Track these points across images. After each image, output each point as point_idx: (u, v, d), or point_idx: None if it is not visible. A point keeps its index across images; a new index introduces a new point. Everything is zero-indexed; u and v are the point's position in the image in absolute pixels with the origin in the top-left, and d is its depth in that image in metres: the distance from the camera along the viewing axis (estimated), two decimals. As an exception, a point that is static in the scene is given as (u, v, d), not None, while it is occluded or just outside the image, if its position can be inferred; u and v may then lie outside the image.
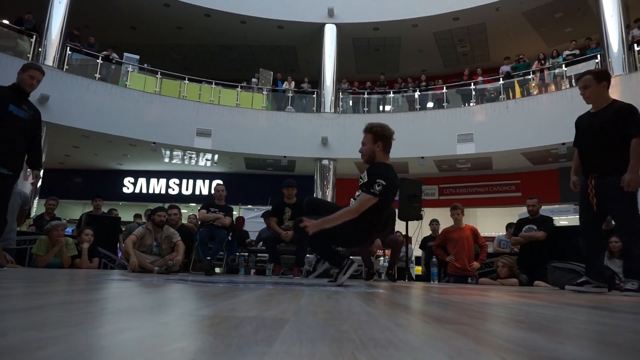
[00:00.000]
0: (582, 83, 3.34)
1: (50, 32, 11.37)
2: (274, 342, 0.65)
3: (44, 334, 0.65)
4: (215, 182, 14.43)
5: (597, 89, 3.27)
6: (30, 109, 3.74)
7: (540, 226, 5.42)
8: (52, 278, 2.64)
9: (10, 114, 3.53)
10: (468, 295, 2.38)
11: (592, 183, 3.18)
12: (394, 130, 3.22)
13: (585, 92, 3.32)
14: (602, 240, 3.30)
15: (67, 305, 1.12)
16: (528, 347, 0.70)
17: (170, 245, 5.30)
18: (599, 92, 3.28)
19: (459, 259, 5.80)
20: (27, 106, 3.70)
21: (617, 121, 3.11)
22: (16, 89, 3.66)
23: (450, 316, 1.20)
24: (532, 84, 12.73)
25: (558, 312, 1.45)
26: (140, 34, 15.05)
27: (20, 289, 1.77)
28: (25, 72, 3.65)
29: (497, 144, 12.08)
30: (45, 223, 6.30)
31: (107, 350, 0.57)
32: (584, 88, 3.33)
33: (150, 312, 1.07)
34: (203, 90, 13.51)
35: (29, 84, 3.65)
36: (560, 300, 2.16)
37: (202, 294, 1.75)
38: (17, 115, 3.58)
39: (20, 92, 3.66)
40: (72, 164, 15.18)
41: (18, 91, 3.65)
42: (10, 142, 3.54)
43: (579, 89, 3.39)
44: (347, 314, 1.14)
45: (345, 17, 14.01)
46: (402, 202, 6.02)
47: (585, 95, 3.33)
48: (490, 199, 14.48)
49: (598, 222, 3.26)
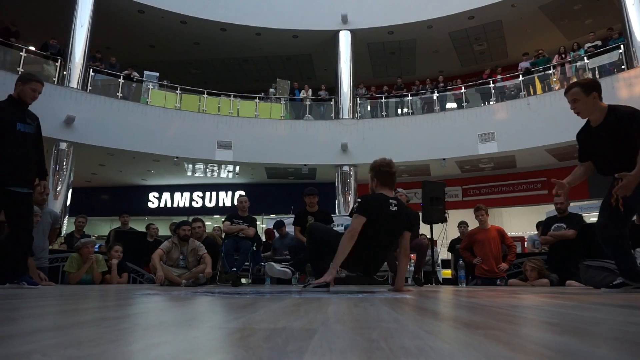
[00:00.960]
0: (571, 97, 3.09)
1: (74, 56, 11.77)
2: (304, 354, 0.65)
3: (82, 351, 0.67)
4: (237, 193, 14.62)
5: (588, 101, 3.02)
6: (33, 120, 3.68)
7: (569, 224, 5.28)
8: (85, 295, 2.71)
9: (18, 133, 3.50)
10: (497, 298, 2.34)
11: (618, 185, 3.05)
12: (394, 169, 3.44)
13: (576, 107, 3.07)
14: (626, 239, 3.10)
15: (101, 322, 1.14)
16: (563, 351, 0.69)
17: (197, 258, 5.37)
18: (590, 104, 3.03)
19: (486, 260, 5.69)
20: (30, 118, 3.65)
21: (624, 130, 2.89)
22: (16, 102, 3.58)
23: (481, 321, 1.18)
24: (554, 78, 12.48)
25: (593, 314, 1.41)
26: (159, 51, 15.41)
27: (54, 306, 1.83)
28: (26, 85, 3.58)
29: (520, 142, 11.86)
30: (75, 241, 6.47)
31: (142, 367, 0.58)
32: (573, 102, 3.08)
33: (181, 326, 1.09)
34: (222, 103, 13.72)
35: (31, 97, 3.59)
36: (595, 300, 2.10)
37: (230, 306, 1.76)
38: (25, 132, 3.56)
39: (21, 105, 3.59)
40: (98, 182, 15.59)
41: (18, 104, 3.58)
42: (23, 160, 3.53)
43: (569, 103, 3.13)
44: (376, 321, 1.14)
45: (359, 23, 14.05)
46: (425, 204, 5.97)
47: (576, 110, 3.09)
48: (515, 198, 14.20)
49: (618, 223, 3.09)
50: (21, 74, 3.78)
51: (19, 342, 0.76)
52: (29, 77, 3.66)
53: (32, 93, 3.59)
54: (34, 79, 3.66)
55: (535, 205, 13.42)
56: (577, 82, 3.16)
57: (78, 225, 7.20)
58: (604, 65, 11.53)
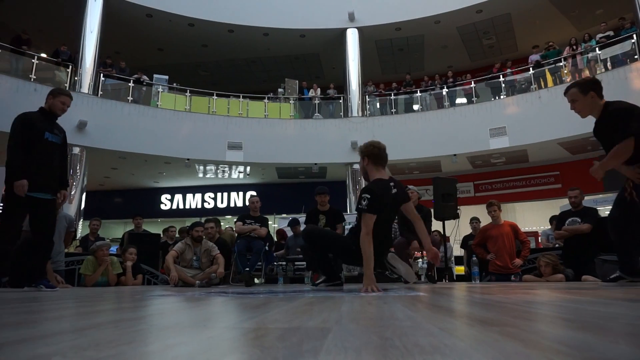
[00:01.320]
0: (570, 97, 3.14)
1: (85, 61, 11.92)
2: (319, 353, 0.65)
3: (101, 353, 0.68)
4: (249, 194, 14.69)
5: (585, 100, 3.07)
6: (60, 131, 3.93)
7: (584, 218, 5.21)
8: (101, 297, 2.74)
9: (46, 142, 3.74)
10: (512, 294, 2.32)
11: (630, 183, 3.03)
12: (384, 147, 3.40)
13: (575, 107, 3.13)
14: (635, 234, 3.09)
15: (118, 324, 1.16)
16: (580, 348, 0.68)
17: (210, 259, 5.40)
18: (588, 103, 3.07)
19: (500, 256, 5.64)
20: (57, 130, 3.89)
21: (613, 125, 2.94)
22: (47, 113, 3.83)
23: (495, 317, 1.17)
24: (565, 71, 12.31)
25: (610, 309, 1.40)
26: (168, 54, 15.54)
27: (72, 309, 1.86)
28: (56, 98, 3.83)
29: (531, 136, 11.73)
30: (90, 243, 6.56)
31: (160, 368, 0.59)
32: (572, 102, 3.14)
33: (196, 327, 1.10)
34: (231, 104, 13.78)
35: (60, 109, 3.84)
36: (612, 295, 2.07)
37: (244, 306, 1.78)
38: (52, 142, 3.79)
39: (50, 117, 3.84)
40: (111, 185, 15.78)
41: (49, 116, 3.83)
42: (49, 168, 3.74)
43: (569, 102, 3.18)
44: (389, 319, 1.14)
45: (366, 20, 14.00)
46: (437, 201, 5.94)
47: (576, 110, 3.15)
48: (528, 192, 14.05)
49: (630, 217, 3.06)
50: (52, 89, 4.03)
51: (40, 345, 0.77)
52: (59, 92, 3.92)
53: (62, 106, 3.84)
54: (64, 92, 3.93)
55: (548, 199, 13.27)
56: (575, 83, 3.18)
57: (92, 228, 7.30)
58: (616, 55, 11.34)
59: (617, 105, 3.01)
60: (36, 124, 3.70)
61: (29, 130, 3.65)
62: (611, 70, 11.09)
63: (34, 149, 3.65)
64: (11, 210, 3.62)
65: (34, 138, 3.66)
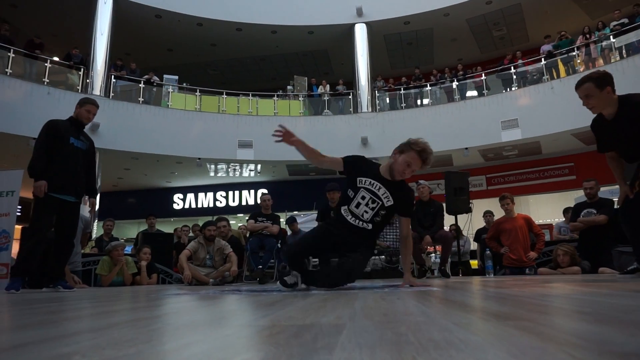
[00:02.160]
0: (584, 92, 2.96)
1: (96, 64, 12.05)
2: (334, 349, 0.66)
3: (119, 352, 0.69)
4: (260, 192, 14.73)
5: (602, 96, 2.91)
6: (87, 139, 4.12)
7: (600, 209, 5.14)
8: (117, 296, 2.78)
9: (71, 146, 3.90)
10: (527, 288, 2.30)
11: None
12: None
13: (590, 102, 2.96)
14: None
15: (135, 323, 1.18)
16: (597, 341, 0.67)
17: (223, 257, 5.45)
18: (605, 99, 2.91)
19: (514, 250, 5.59)
20: (84, 137, 4.09)
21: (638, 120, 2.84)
22: (74, 121, 4.03)
23: (510, 311, 1.16)
24: (578, 60, 12.11)
25: (627, 301, 1.38)
26: (177, 55, 15.63)
27: (90, 309, 1.89)
28: (82, 107, 4.04)
29: (544, 127, 11.57)
30: (104, 244, 6.66)
31: (177, 366, 0.60)
32: (586, 97, 2.96)
33: (211, 325, 1.11)
34: (241, 103, 13.82)
35: (85, 117, 4.06)
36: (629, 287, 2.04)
37: (258, 304, 1.79)
38: (77, 147, 3.96)
39: (78, 125, 4.04)
40: (124, 186, 15.95)
41: (76, 124, 4.03)
42: (73, 172, 3.89)
43: (581, 98, 3.02)
44: (403, 315, 1.14)
45: (374, 15, 13.92)
46: (449, 195, 5.91)
47: (589, 106, 2.98)
48: (542, 184, 13.87)
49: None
50: (80, 98, 4.27)
51: (59, 344, 0.79)
52: (85, 101, 4.13)
53: (87, 114, 4.07)
54: (89, 102, 4.14)
55: (563, 191, 13.09)
56: (589, 77, 3.00)
57: (106, 229, 7.40)
58: (631, 43, 11.11)
59: (638, 98, 2.90)
60: (61, 130, 3.89)
61: (53, 135, 3.83)
62: (626, 59, 10.88)
63: (58, 154, 3.82)
64: (40, 211, 3.74)
65: (59, 143, 3.84)
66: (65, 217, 3.88)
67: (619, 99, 2.96)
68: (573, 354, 0.57)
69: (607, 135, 3.09)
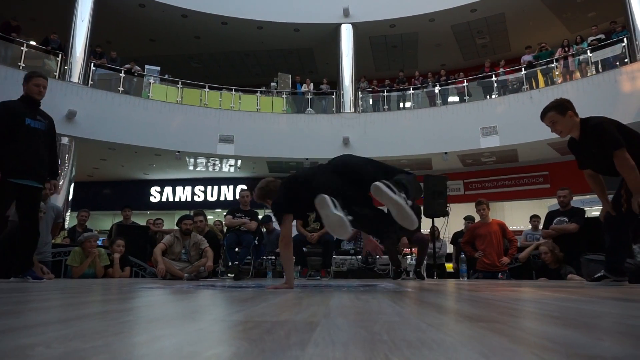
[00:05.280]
0: (549, 120, 3.22)
1: (75, 50, 11.75)
2: (307, 346, 0.65)
3: (86, 344, 0.67)
4: (239, 187, 14.62)
5: (565, 120, 3.16)
6: (45, 118, 3.82)
7: (572, 218, 5.28)
8: (88, 288, 2.72)
9: (27, 127, 3.63)
10: (499, 292, 2.34)
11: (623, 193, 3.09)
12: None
13: (556, 128, 3.21)
14: (626, 237, 3.18)
15: (105, 315, 1.15)
16: (565, 344, 0.69)
17: (199, 252, 5.38)
18: (568, 123, 3.17)
19: (488, 254, 5.70)
20: (41, 116, 3.78)
21: (595, 141, 3.05)
22: (26, 99, 3.74)
23: (483, 314, 1.18)
24: (556, 72, 12.41)
25: (594, 307, 1.42)
26: (160, 45, 15.37)
27: (58, 300, 1.84)
28: (30, 82, 3.73)
29: (522, 136, 11.81)
30: (77, 235, 6.50)
31: (147, 359, 0.59)
32: (552, 124, 3.22)
33: (184, 319, 1.10)
34: (223, 97, 13.69)
35: (37, 92, 3.74)
36: (596, 294, 2.10)
37: (232, 299, 1.77)
38: (35, 128, 3.68)
39: (31, 103, 3.74)
40: (100, 176, 15.61)
41: (29, 102, 3.74)
42: (34, 155, 3.64)
43: (548, 126, 3.28)
44: (378, 314, 1.14)
45: (360, 16, 13.97)
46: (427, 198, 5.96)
47: (557, 132, 3.24)
48: (517, 191, 14.18)
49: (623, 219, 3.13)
50: (25, 73, 3.90)
51: (22, 335, 0.76)
52: (31, 74, 3.80)
53: (36, 88, 3.73)
54: (35, 74, 3.80)
55: (537, 199, 13.39)
56: (549, 106, 3.25)
57: (80, 220, 7.23)
58: (607, 58, 11.45)
59: (593, 121, 3.10)
60: (15, 111, 3.61)
61: (6, 118, 3.56)
62: (602, 73, 11.20)
63: (16, 137, 3.56)
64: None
65: (14, 125, 3.57)
66: (28, 203, 3.67)
67: (581, 121, 3.16)
68: (542, 356, 0.58)
69: (581, 154, 3.28)
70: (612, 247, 3.19)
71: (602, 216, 3.30)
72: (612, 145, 2.92)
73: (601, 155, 3.05)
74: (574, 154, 3.35)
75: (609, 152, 2.94)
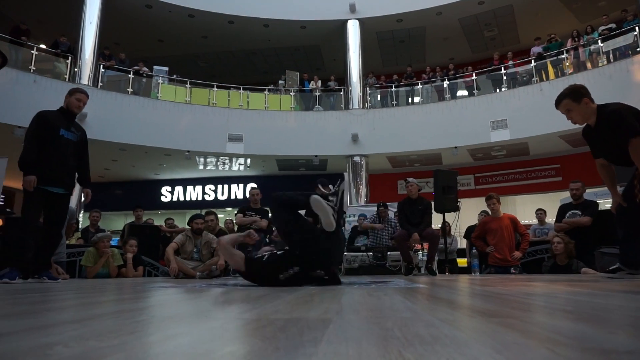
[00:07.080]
0: (564, 108, 3.17)
1: (84, 52, 11.86)
2: (320, 343, 0.66)
3: (102, 343, 0.68)
4: (249, 186, 14.68)
5: (580, 108, 3.10)
6: (78, 130, 4.09)
7: (584, 211, 5.22)
8: (102, 288, 2.76)
9: (61, 138, 3.87)
10: (511, 286, 2.33)
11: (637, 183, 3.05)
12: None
13: (572, 116, 3.16)
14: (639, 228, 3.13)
15: (119, 314, 1.17)
16: (578, 338, 0.69)
17: (210, 251, 5.42)
18: (584, 110, 3.11)
19: (499, 249, 5.66)
20: (74, 128, 4.05)
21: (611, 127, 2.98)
22: (64, 112, 3.99)
23: (495, 309, 1.18)
24: (567, 63, 12.24)
25: (608, 301, 1.40)
26: (168, 46, 15.45)
27: (74, 300, 1.87)
28: (72, 96, 4.00)
29: (533, 129, 11.69)
30: (90, 235, 6.58)
31: (162, 357, 0.60)
32: (567, 112, 3.16)
33: (197, 317, 1.11)
34: (232, 96, 13.73)
35: (76, 106, 4.01)
36: (610, 287, 2.08)
37: (245, 297, 1.78)
38: (68, 139, 3.93)
39: (68, 115, 4.00)
40: (111, 177, 15.76)
41: (66, 114, 3.99)
42: (63, 164, 3.87)
43: (563, 114, 3.22)
44: (390, 311, 1.14)
45: (367, 12, 13.90)
46: (438, 194, 5.94)
47: (573, 120, 3.18)
48: (529, 185, 14.04)
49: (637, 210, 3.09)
50: (70, 88, 4.24)
51: (41, 334, 0.78)
52: (74, 90, 4.11)
53: (77, 103, 4.03)
54: (79, 90, 4.12)
55: (549, 192, 13.26)
56: (564, 93, 3.18)
57: (92, 220, 7.31)
58: (618, 48, 11.26)
59: (611, 107, 3.03)
60: (51, 121, 3.84)
61: (43, 128, 3.79)
62: (613, 63, 11.03)
63: (49, 146, 3.78)
64: (29, 204, 3.73)
65: (49, 135, 3.80)
66: (54, 208, 3.88)
67: (597, 108, 3.10)
68: (555, 350, 0.58)
69: (595, 142, 3.21)
70: (626, 239, 3.15)
71: (614, 207, 3.25)
72: (629, 133, 2.85)
73: (614, 143, 2.99)
74: (588, 143, 3.29)
75: (625, 139, 2.88)
